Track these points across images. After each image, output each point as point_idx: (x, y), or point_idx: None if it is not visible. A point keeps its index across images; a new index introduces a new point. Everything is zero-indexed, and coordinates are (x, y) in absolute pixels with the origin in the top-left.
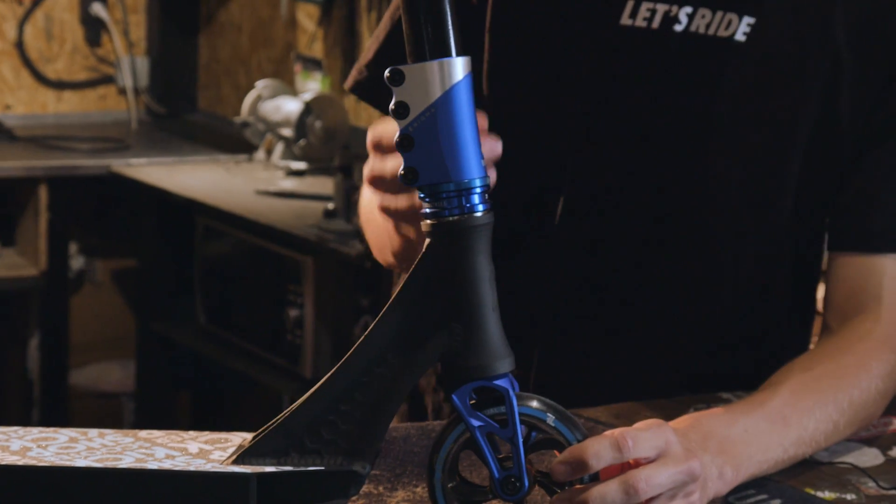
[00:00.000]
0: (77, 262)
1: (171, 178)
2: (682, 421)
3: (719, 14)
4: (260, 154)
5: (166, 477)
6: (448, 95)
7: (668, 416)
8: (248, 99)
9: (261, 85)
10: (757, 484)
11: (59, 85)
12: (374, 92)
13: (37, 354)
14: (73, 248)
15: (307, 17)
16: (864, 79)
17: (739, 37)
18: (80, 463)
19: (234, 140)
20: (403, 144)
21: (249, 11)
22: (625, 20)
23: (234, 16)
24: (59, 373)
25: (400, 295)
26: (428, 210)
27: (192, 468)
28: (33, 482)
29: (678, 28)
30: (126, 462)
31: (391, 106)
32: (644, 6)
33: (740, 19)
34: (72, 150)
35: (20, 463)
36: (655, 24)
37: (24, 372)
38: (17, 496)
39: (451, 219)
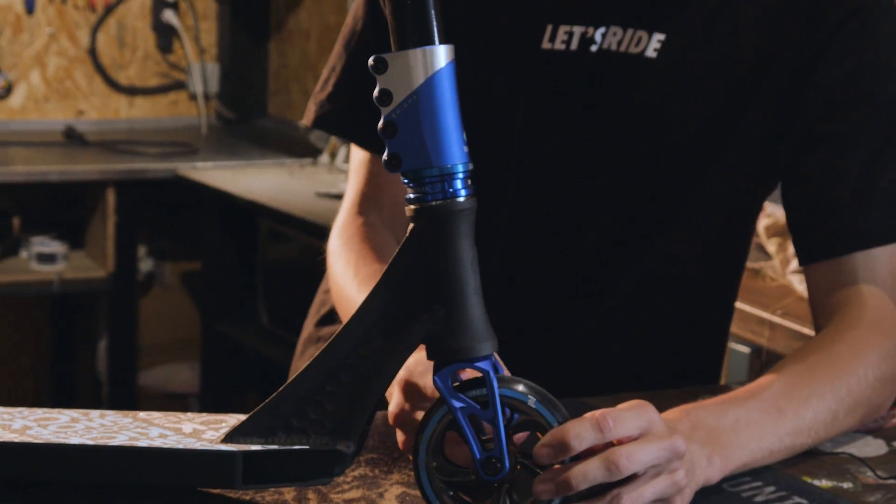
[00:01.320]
0: (146, 265)
1: (236, 182)
2: (673, 412)
3: (630, 31)
4: (324, 157)
5: (154, 454)
6: (430, 82)
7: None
8: None
9: None
10: (753, 472)
11: (132, 91)
12: (340, 124)
13: (106, 356)
14: (141, 251)
15: None
16: (783, 88)
17: (650, 53)
18: (74, 441)
19: (301, 144)
20: (387, 131)
21: (318, 18)
22: (545, 44)
23: (302, 22)
24: (129, 374)
25: (384, 278)
26: (412, 195)
27: (180, 446)
28: (25, 458)
29: (594, 48)
30: (119, 441)
31: (375, 94)
32: (562, 29)
33: (650, 36)
34: (140, 155)
35: (16, 440)
36: (574, 45)
37: (94, 373)
38: (9, 471)
39: (433, 203)
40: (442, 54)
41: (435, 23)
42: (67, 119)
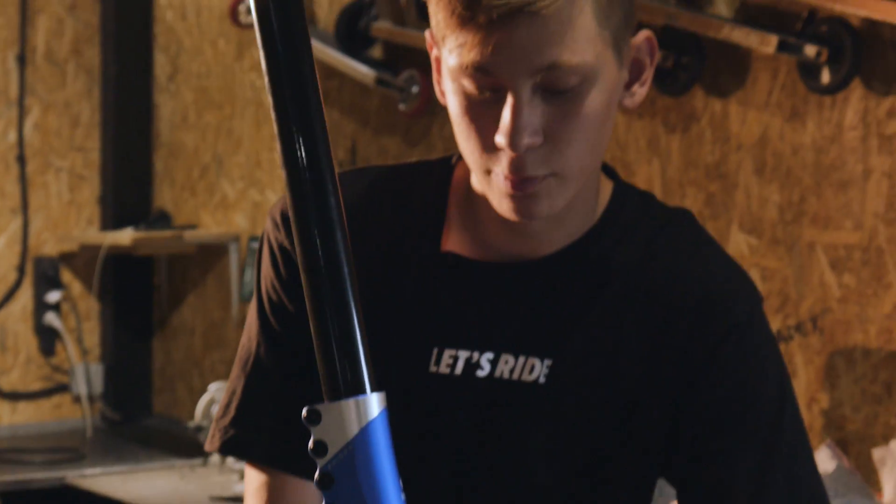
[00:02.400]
0: None
1: (126, 488)
2: None
3: (521, 359)
4: (215, 457)
5: None
6: (365, 432)
7: None
8: (202, 402)
9: (214, 388)
10: None
11: (14, 396)
12: (247, 449)
13: None
14: None
15: None
16: (667, 405)
17: (541, 379)
18: None
19: (190, 443)
20: (323, 482)
21: (202, 314)
22: (432, 367)
23: (186, 319)
24: None
25: None
26: None
27: None
28: None
29: (481, 374)
30: None
31: (310, 445)
32: (447, 353)
33: (542, 362)
34: (26, 464)
35: None
36: (458, 370)
37: None
38: None
39: None
40: (375, 403)
41: (366, 370)
42: None
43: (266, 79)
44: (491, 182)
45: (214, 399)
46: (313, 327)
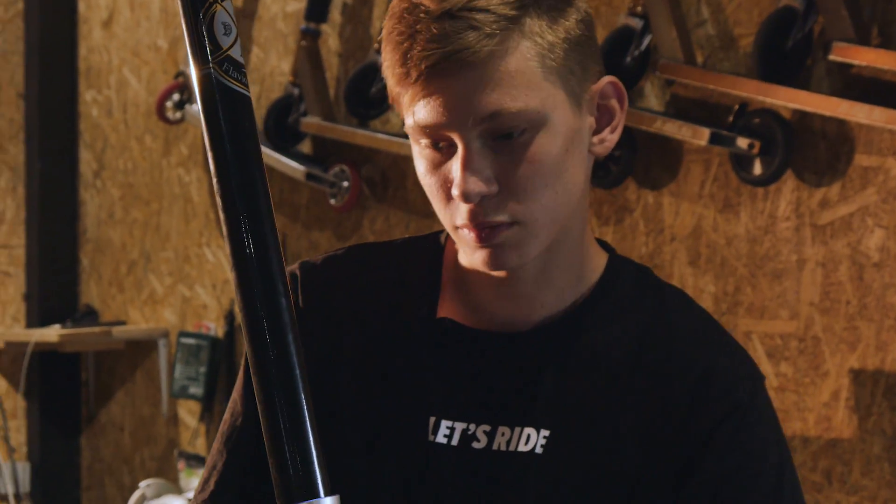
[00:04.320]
0: None
1: None
2: None
3: (517, 430)
4: None
5: None
6: None
7: None
8: (133, 499)
9: (144, 484)
10: None
11: None
12: None
13: None
14: None
15: (189, 414)
16: (666, 481)
17: (538, 449)
18: None
19: None
20: None
21: (131, 410)
22: (430, 436)
23: (115, 415)
24: None
25: None
26: None
27: None
28: None
29: (477, 445)
30: None
31: None
32: (444, 424)
33: (538, 433)
34: None
35: None
36: (455, 441)
37: None
38: None
39: None
40: None
41: (319, 473)
42: None
43: (214, 181)
44: (460, 237)
45: (145, 496)
46: (265, 430)
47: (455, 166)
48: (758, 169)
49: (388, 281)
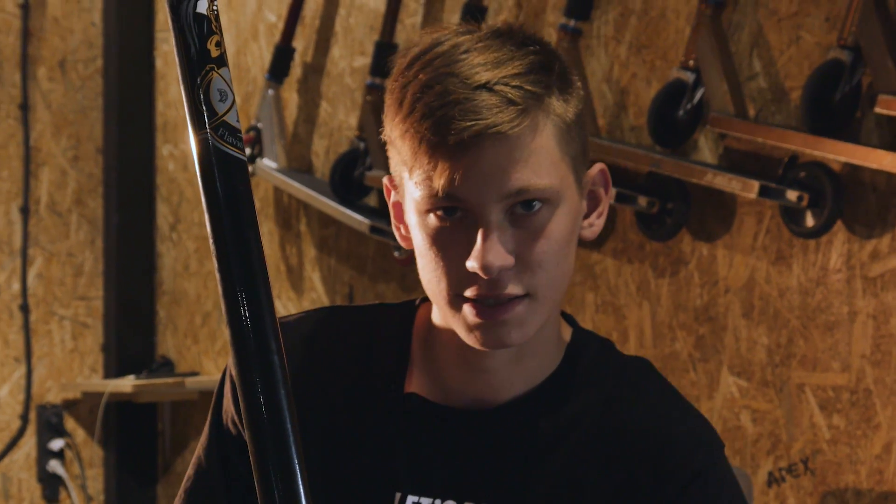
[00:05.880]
0: None
1: None
2: None
3: None
4: None
5: None
6: None
7: None
8: None
9: None
10: None
11: None
12: None
13: None
14: None
15: None
16: None
17: None
18: None
19: None
20: None
21: None
22: None
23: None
24: None
25: None
26: None
27: None
28: None
29: None
30: None
31: None
32: (410, 499)
33: None
34: None
35: None
36: None
37: None
38: None
39: None
40: None
41: None
42: None
43: (210, 240)
44: (458, 313)
45: None
46: (259, 489)
47: (477, 240)
48: (809, 221)
49: (357, 348)
